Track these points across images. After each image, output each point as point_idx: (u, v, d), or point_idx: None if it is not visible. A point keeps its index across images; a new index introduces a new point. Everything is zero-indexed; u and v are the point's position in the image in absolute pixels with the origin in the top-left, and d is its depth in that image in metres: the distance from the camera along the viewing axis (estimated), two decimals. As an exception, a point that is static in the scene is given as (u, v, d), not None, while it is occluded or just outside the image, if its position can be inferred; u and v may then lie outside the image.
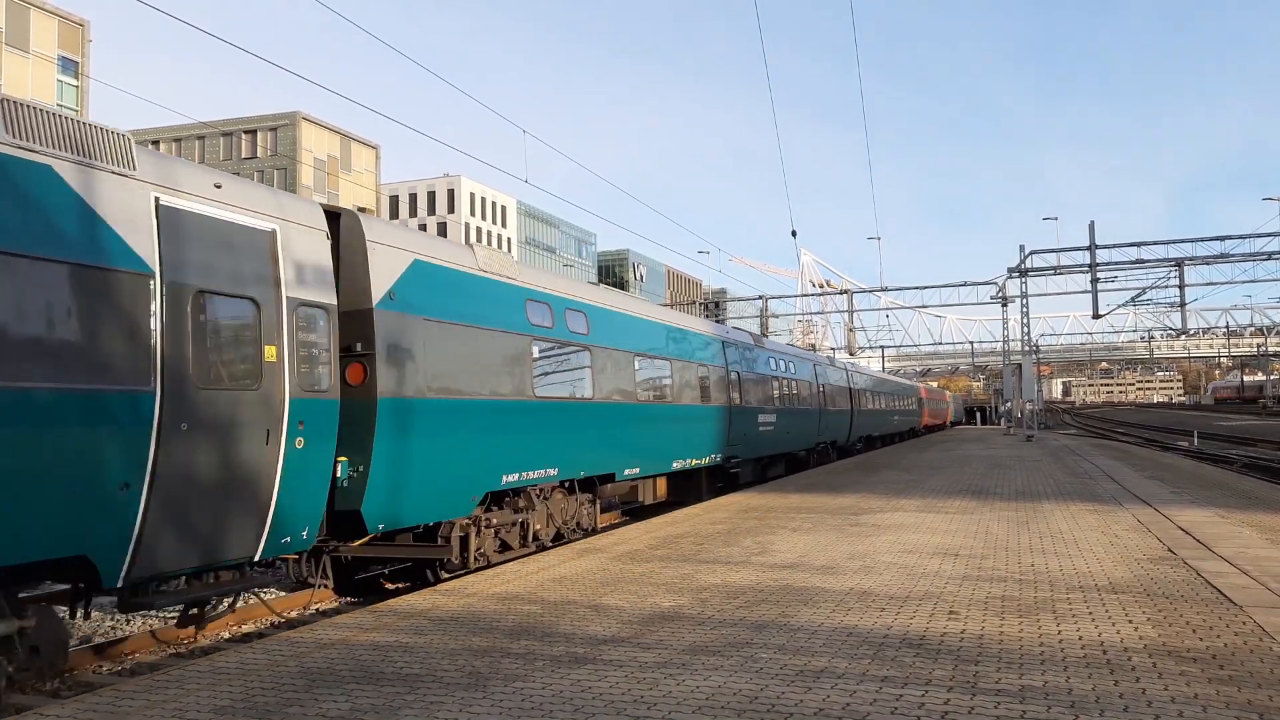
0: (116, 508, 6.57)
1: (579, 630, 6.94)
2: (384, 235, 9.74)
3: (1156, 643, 6.20)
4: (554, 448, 12.48)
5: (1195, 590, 7.93)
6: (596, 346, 14.05)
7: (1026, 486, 18.16)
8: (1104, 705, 4.92)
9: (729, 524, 13.12)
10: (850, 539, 11.33)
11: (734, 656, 6.08)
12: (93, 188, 6.59)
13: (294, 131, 78.70)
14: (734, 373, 20.87)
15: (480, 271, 11.30)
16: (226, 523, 7.47)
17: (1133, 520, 12.66)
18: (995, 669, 5.66)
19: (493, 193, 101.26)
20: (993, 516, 13.31)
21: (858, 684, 5.40)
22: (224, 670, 6.12)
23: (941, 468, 24.10)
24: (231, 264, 7.58)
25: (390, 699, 5.36)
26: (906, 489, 17.97)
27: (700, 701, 5.15)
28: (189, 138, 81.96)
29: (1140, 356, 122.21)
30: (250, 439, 7.59)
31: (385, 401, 9.18)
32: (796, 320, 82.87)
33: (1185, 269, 39.56)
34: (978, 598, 7.78)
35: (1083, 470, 22.58)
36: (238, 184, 7.98)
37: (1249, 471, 27.30)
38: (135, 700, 5.48)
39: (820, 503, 15.70)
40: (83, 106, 54.89)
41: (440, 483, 10.09)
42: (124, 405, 6.59)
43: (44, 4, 53.63)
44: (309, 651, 6.55)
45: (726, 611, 7.45)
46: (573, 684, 5.55)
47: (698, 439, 18.26)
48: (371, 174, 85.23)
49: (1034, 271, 41.64)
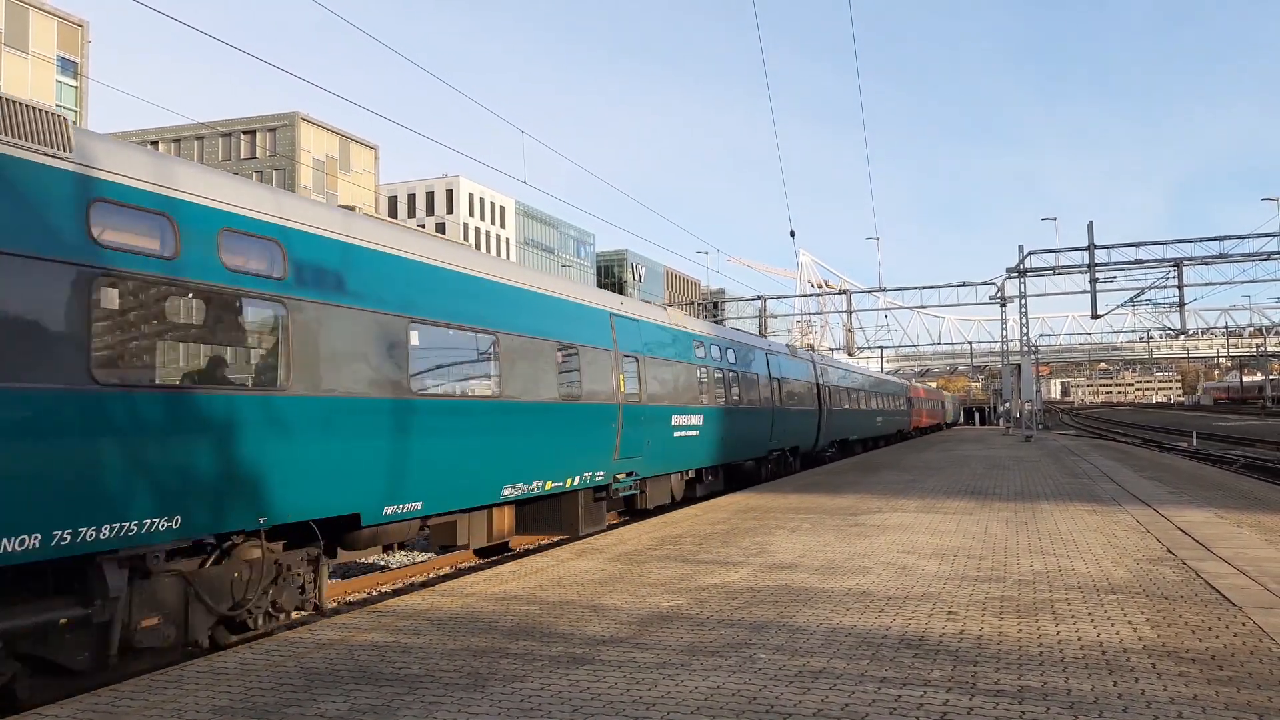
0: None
1: (577, 631, 6.93)
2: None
3: (1155, 643, 6.20)
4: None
5: (1194, 591, 7.93)
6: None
7: (1025, 487, 18.15)
8: (1103, 706, 4.92)
9: (727, 524, 13.12)
10: (849, 539, 11.33)
11: (732, 657, 6.07)
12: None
13: (293, 132, 78.66)
14: (631, 358, 15.39)
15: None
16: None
17: (1132, 521, 12.66)
18: (994, 670, 5.66)
19: (491, 193, 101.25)
20: (992, 517, 13.30)
21: (856, 684, 5.40)
22: (222, 671, 6.11)
23: (940, 468, 24.10)
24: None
25: (389, 699, 5.36)
26: (905, 489, 17.97)
27: (699, 702, 5.15)
28: (188, 138, 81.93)
29: (1139, 357, 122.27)
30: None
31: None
32: (795, 320, 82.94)
33: (1184, 269, 39.60)
34: (976, 598, 7.78)
35: (1081, 471, 22.58)
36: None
37: (1248, 472, 27.31)
38: (134, 700, 5.48)
39: (819, 503, 15.69)
40: (82, 107, 54.89)
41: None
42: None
43: (43, 4, 53.61)
44: (307, 652, 6.54)
45: (725, 612, 7.44)
46: (571, 684, 5.55)
47: (563, 450, 12.80)
48: (370, 174, 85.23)
49: (1033, 272, 41.67)
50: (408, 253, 9.93)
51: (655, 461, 15.99)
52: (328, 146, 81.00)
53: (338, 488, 8.52)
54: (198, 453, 7.15)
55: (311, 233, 8.59)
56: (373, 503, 8.97)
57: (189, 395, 7.18)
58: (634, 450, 14.96)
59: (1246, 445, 41.18)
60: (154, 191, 7.08)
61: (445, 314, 10.31)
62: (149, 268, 6.89)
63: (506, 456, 11.29)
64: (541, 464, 12.12)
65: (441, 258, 10.56)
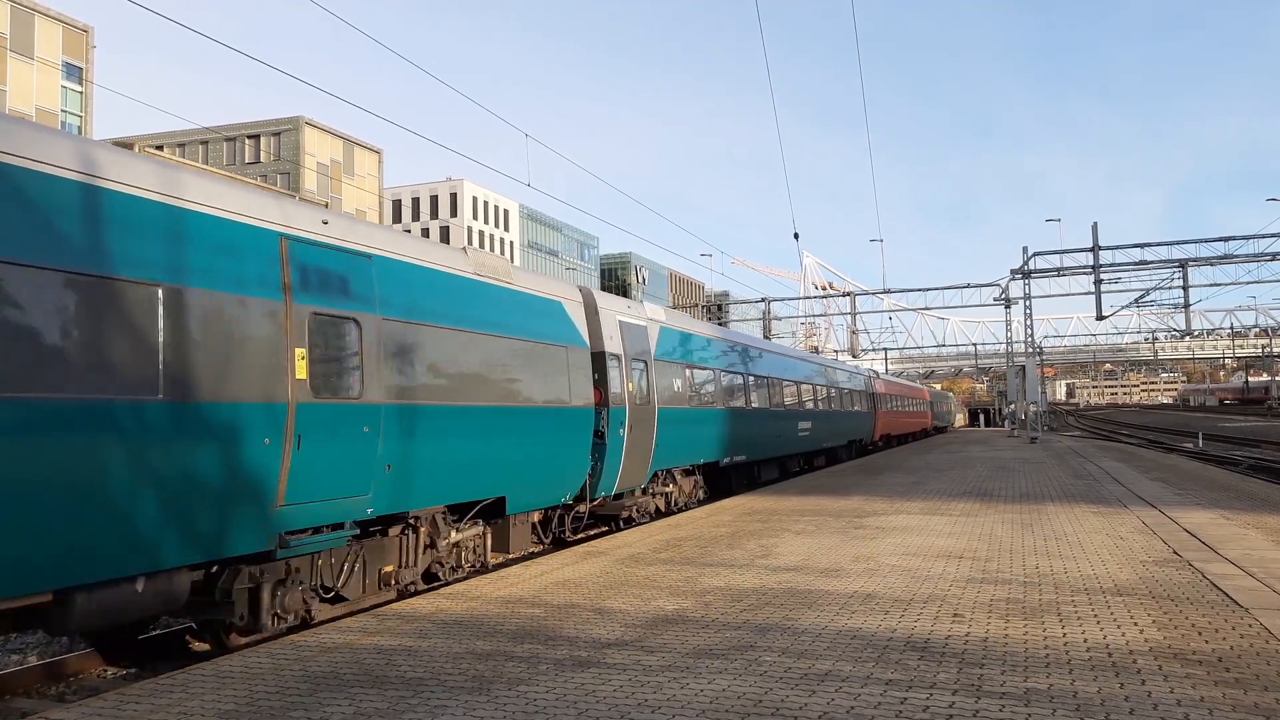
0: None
1: (583, 634, 6.93)
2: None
3: (1162, 645, 6.18)
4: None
5: (1200, 593, 7.90)
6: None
7: (1031, 489, 18.12)
8: (1109, 708, 4.91)
9: (732, 527, 13.11)
10: (854, 541, 11.31)
11: (738, 660, 6.07)
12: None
13: (297, 136, 78.82)
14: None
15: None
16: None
17: (1137, 522, 12.63)
18: (1000, 672, 5.64)
19: (495, 196, 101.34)
20: (997, 519, 13.28)
21: (862, 687, 5.39)
22: (228, 674, 6.12)
23: (945, 470, 24.07)
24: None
25: (394, 702, 5.36)
26: (910, 491, 17.94)
27: (704, 705, 5.14)
28: (192, 143, 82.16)
29: (1144, 358, 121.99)
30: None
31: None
32: (799, 323, 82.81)
33: (1189, 270, 39.49)
34: (982, 600, 7.77)
35: (1087, 472, 22.53)
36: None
37: (1254, 473, 27.23)
38: (140, 704, 5.48)
39: (823, 505, 15.68)
40: (87, 113, 55.06)
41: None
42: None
43: (48, 10, 53.80)
44: (313, 655, 6.55)
45: (730, 615, 7.44)
46: (576, 687, 5.55)
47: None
48: (374, 178, 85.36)
49: (1037, 273, 41.56)
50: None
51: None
52: (332, 150, 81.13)
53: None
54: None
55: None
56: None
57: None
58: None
59: (1252, 446, 41.06)
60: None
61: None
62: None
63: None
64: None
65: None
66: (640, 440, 14.77)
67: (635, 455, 14.62)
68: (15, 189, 6.01)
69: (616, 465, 14.11)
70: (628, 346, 14.72)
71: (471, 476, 10.41)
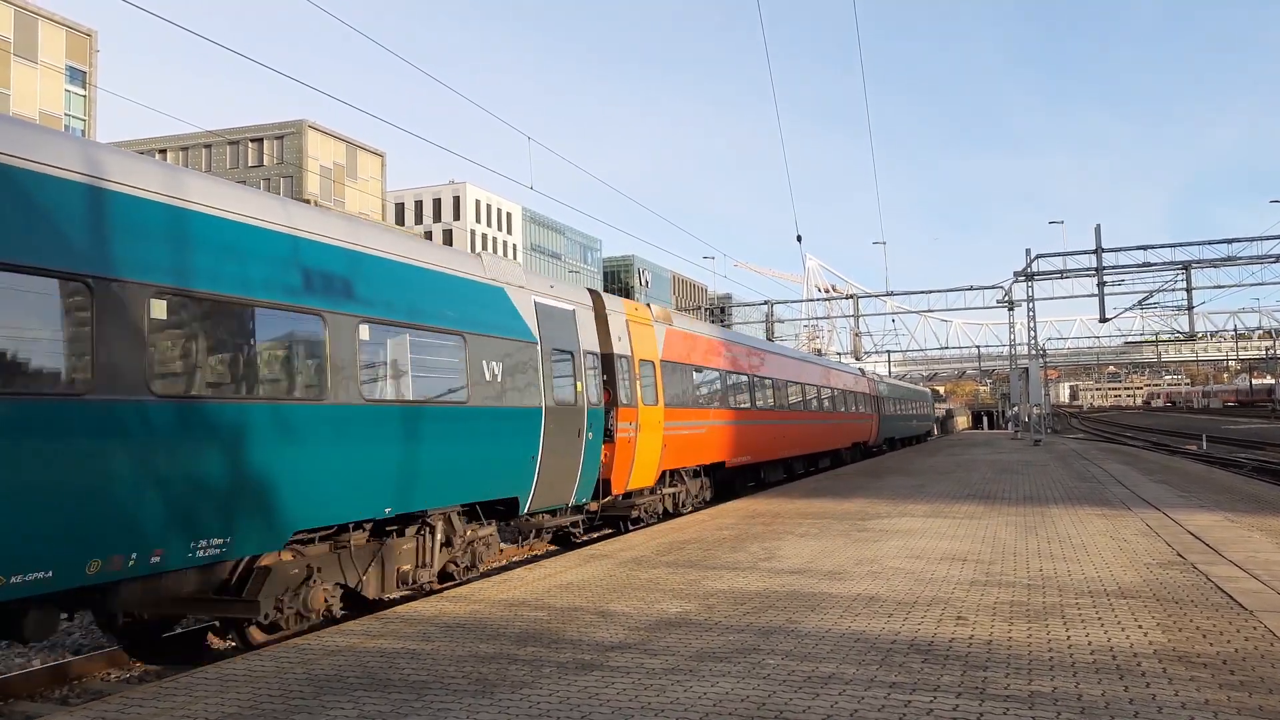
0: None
1: (586, 636, 6.93)
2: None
3: (1166, 648, 6.17)
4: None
5: (1205, 595, 7.89)
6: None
7: (1034, 491, 18.09)
8: (1114, 711, 4.89)
9: (736, 529, 13.10)
10: (857, 544, 11.30)
11: (741, 662, 6.06)
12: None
13: (300, 140, 78.91)
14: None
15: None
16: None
17: (1141, 525, 12.61)
18: (1004, 674, 5.63)
19: (498, 199, 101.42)
20: (1001, 521, 13.26)
21: (865, 690, 5.38)
22: (231, 677, 6.12)
23: (948, 472, 24.04)
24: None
25: (397, 706, 5.36)
26: (913, 494, 17.92)
27: (707, 708, 5.13)
28: (196, 146, 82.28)
29: (1148, 360, 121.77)
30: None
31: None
32: (802, 325, 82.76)
33: (1192, 272, 39.44)
34: (986, 603, 7.76)
35: (1091, 475, 22.50)
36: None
37: (1258, 475, 27.17)
38: (143, 708, 5.49)
39: (827, 508, 15.66)
40: (90, 116, 55.18)
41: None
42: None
43: (52, 14, 53.94)
44: (316, 658, 6.55)
45: (734, 617, 7.43)
46: (580, 690, 5.54)
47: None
48: (377, 181, 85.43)
49: (1040, 275, 41.55)
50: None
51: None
52: (335, 154, 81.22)
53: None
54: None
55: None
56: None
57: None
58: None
59: (1256, 449, 40.98)
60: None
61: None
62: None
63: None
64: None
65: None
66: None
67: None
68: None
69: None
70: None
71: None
